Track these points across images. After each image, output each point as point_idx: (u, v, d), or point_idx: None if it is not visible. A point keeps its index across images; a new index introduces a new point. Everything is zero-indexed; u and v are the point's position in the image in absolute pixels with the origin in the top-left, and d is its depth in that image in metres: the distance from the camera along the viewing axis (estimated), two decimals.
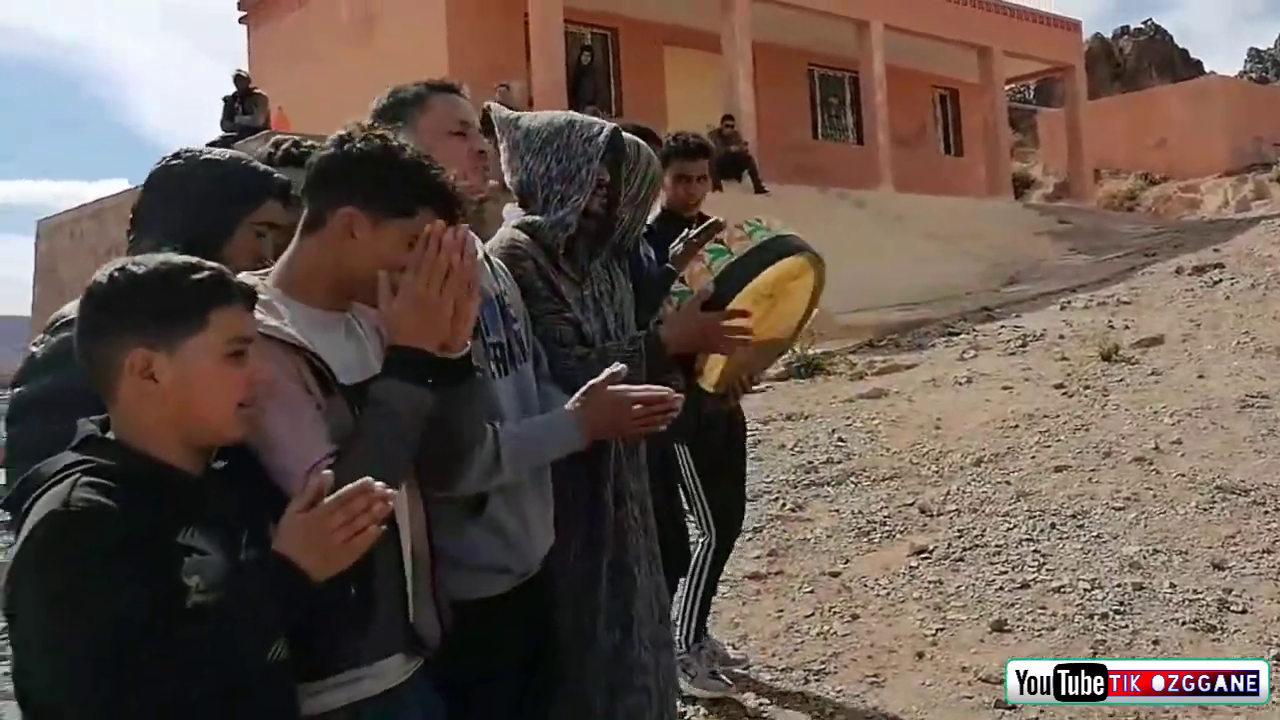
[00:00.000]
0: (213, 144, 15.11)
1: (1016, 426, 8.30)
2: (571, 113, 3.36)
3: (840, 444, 8.63)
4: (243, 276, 2.19)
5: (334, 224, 2.28)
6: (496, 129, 3.33)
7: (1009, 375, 10.04)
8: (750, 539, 6.83)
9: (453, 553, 2.61)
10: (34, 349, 2.66)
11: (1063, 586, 5.54)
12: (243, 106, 17.96)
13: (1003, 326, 12.68)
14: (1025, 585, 5.63)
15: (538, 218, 3.19)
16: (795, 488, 7.75)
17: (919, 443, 8.33)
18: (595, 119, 3.31)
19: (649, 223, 4.08)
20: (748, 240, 3.31)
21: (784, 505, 7.42)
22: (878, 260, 16.89)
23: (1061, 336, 11.46)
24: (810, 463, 8.23)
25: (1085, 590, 5.45)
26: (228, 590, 1.93)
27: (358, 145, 2.31)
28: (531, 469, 2.84)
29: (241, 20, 26.95)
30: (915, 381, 10.48)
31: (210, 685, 1.87)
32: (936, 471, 7.65)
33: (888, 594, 5.80)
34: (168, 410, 2.01)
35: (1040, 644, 5.04)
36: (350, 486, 1.93)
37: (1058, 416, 8.39)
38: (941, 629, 5.33)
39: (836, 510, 7.22)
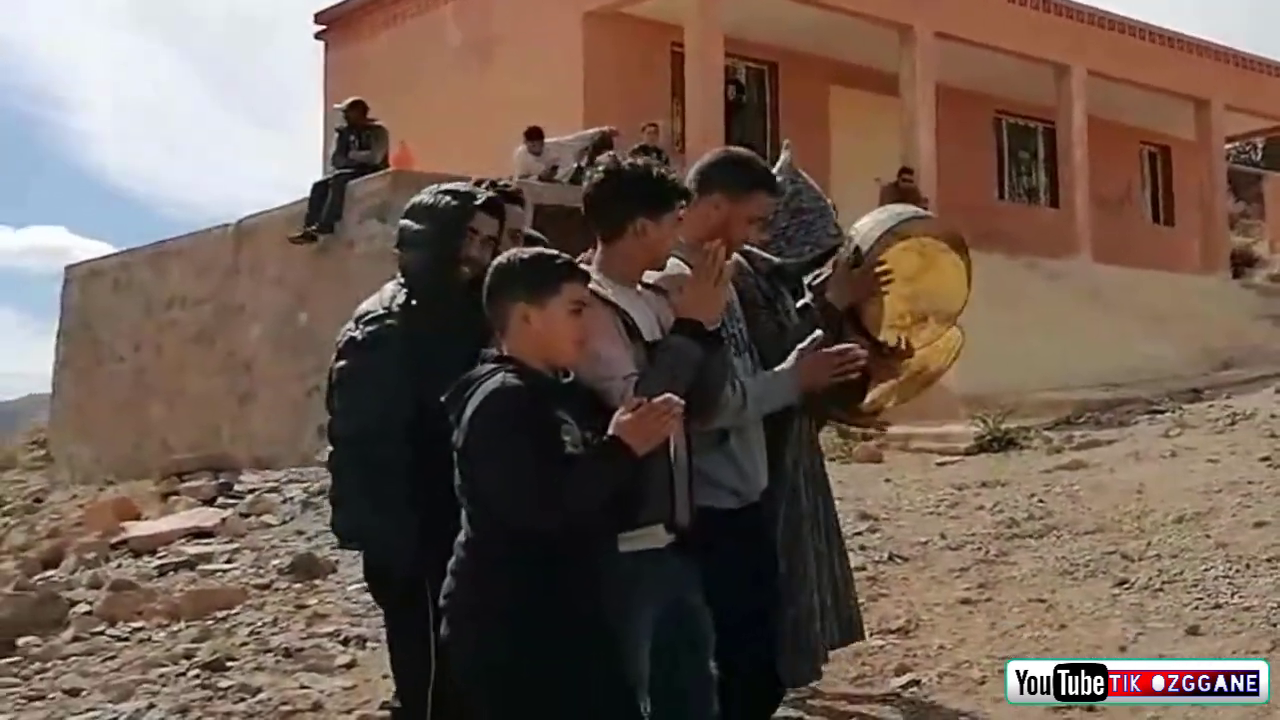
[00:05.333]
0: (323, 183, 18.97)
1: (1220, 491, 10.73)
2: (831, 203, 5.71)
3: (1040, 504, 11.14)
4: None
5: (632, 230, 4.35)
6: (785, 165, 5.69)
7: (1214, 450, 12.53)
8: (959, 576, 9.36)
9: (702, 469, 4.45)
10: (353, 333, 4.93)
11: (1252, 606, 7.95)
12: (359, 140, 19.17)
13: (1211, 406, 15.30)
14: (1218, 605, 8.07)
15: (753, 248, 5.09)
16: (998, 539, 10.23)
17: (1120, 504, 10.78)
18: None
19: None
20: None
21: (988, 553, 9.90)
22: (1073, 339, 19.11)
23: (1273, 415, 13.96)
24: (1011, 519, 10.74)
25: (1273, 608, 7.85)
26: (588, 450, 3.84)
27: (625, 170, 4.42)
28: (752, 426, 4.71)
29: (318, 36, 28.77)
30: (1117, 455, 13.04)
31: (587, 505, 3.79)
32: (1138, 527, 10.08)
33: (1093, 612, 8.24)
34: (537, 341, 3.98)
35: (1227, 643, 7.46)
36: (660, 398, 3.82)
37: (1262, 483, 10.82)
38: (1142, 633, 7.76)
39: (1040, 557, 9.67)
